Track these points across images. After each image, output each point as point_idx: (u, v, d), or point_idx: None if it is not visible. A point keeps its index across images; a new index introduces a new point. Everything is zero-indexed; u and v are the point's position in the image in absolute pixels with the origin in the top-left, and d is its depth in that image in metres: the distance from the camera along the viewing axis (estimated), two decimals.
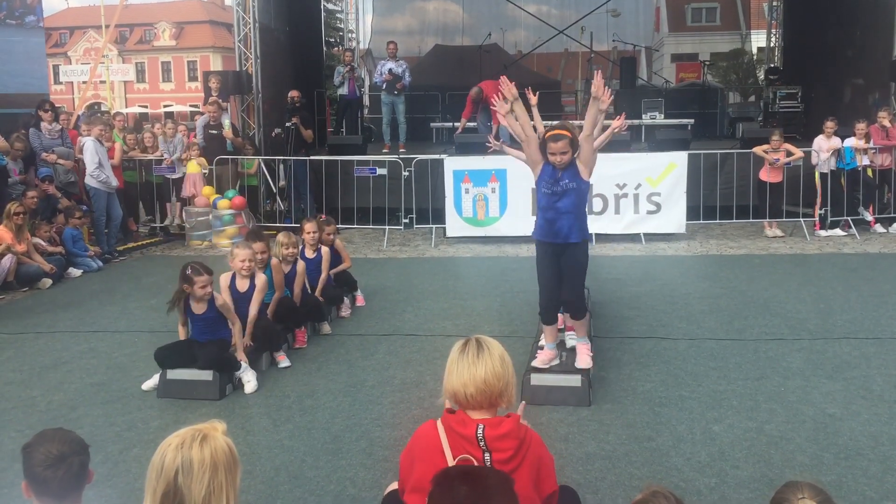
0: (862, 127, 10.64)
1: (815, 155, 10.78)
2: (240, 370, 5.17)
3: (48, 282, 8.58)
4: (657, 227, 10.47)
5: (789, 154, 10.63)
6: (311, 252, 6.79)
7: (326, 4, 20.58)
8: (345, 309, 7.06)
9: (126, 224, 11.55)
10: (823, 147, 10.72)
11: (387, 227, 11.22)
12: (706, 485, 3.69)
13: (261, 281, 5.64)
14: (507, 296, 7.64)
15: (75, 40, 57.17)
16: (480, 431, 2.52)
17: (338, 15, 22.26)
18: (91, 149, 9.85)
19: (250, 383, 5.13)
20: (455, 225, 10.73)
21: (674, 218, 10.42)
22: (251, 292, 5.60)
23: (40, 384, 5.37)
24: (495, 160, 10.13)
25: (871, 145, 10.64)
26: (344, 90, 14.13)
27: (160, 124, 16.48)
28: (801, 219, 10.86)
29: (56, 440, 2.32)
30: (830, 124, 10.76)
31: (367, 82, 18.53)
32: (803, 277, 8.16)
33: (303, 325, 6.15)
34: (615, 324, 6.53)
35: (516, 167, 8.30)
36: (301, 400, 4.95)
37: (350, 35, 21.11)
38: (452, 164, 10.66)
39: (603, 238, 10.29)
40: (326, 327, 6.51)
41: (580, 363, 4.98)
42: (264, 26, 13.60)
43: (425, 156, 11.52)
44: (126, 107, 51.75)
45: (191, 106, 47.56)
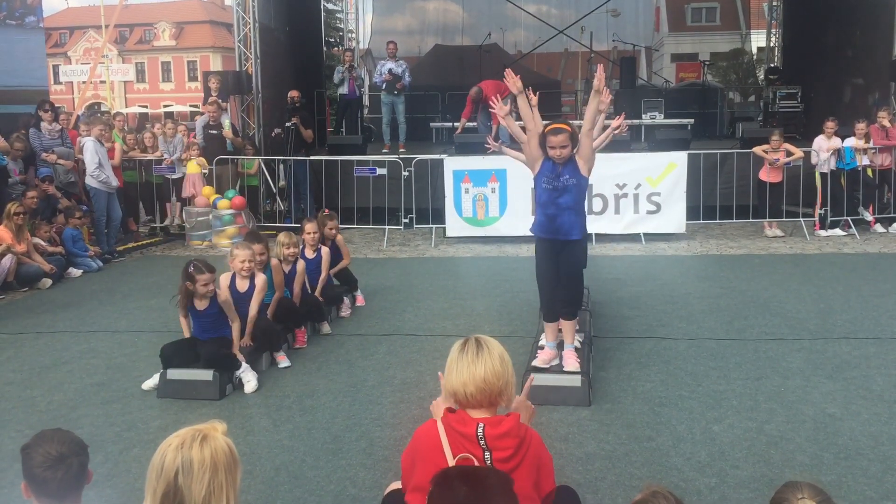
0: (862, 127, 10.64)
1: (815, 155, 10.78)
2: (240, 369, 5.17)
3: (48, 282, 8.58)
4: (657, 227, 10.48)
5: (789, 154, 10.63)
6: (312, 252, 6.79)
7: (326, 4, 20.63)
8: (345, 309, 7.06)
9: (127, 224, 11.56)
10: (824, 147, 10.72)
11: (387, 227, 11.22)
12: (706, 485, 3.69)
13: (260, 281, 5.65)
14: (507, 296, 7.64)
15: (75, 40, 57.14)
16: (480, 430, 2.53)
17: (338, 15, 22.30)
18: (91, 149, 9.85)
19: (250, 383, 5.13)
20: (455, 225, 10.73)
21: (674, 218, 10.43)
22: (251, 292, 5.61)
23: (40, 384, 5.36)
24: (495, 160, 10.13)
25: (871, 145, 10.64)
26: (344, 89, 14.11)
27: (160, 124, 16.47)
28: (801, 219, 10.86)
29: (55, 441, 2.32)
30: (831, 124, 10.75)
31: (367, 82, 18.52)
32: (803, 277, 8.16)
33: (303, 325, 6.16)
34: (615, 324, 6.53)
35: (516, 167, 8.30)
36: (301, 400, 4.95)
37: (350, 35, 21.11)
38: (452, 164, 10.67)
39: (603, 238, 10.29)
40: (326, 327, 6.51)
41: (568, 367, 4.89)
42: (264, 26, 13.60)
43: (425, 156, 11.52)
44: (126, 107, 51.72)
45: (191, 106, 47.53)
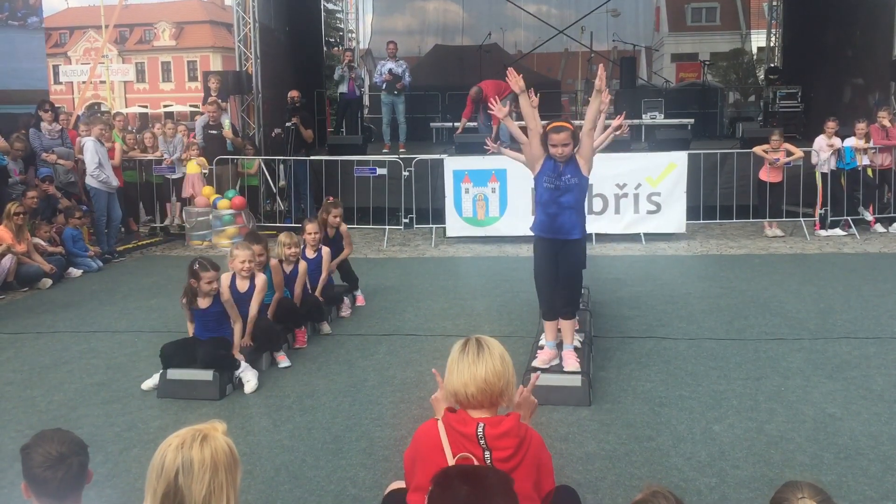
0: (862, 127, 10.64)
1: (816, 155, 10.77)
2: (239, 369, 5.17)
3: (48, 282, 8.58)
4: (657, 227, 10.48)
5: (789, 154, 10.63)
6: (312, 252, 6.79)
7: (326, 4, 20.62)
8: (345, 309, 7.06)
9: (127, 224, 11.55)
10: (824, 147, 10.72)
11: (387, 227, 11.22)
12: (706, 485, 3.69)
13: (261, 281, 5.65)
14: (507, 296, 7.64)
15: (75, 40, 57.15)
16: (481, 430, 2.53)
17: (338, 15, 22.29)
18: (91, 149, 9.84)
19: (250, 383, 5.13)
20: (455, 225, 10.73)
21: (674, 218, 10.43)
22: (251, 293, 5.61)
23: (40, 384, 5.36)
24: (495, 160, 10.12)
25: (871, 145, 10.64)
26: (343, 88, 14.12)
27: (160, 124, 16.48)
28: (801, 219, 10.86)
29: (55, 441, 2.32)
30: (832, 124, 10.75)
31: (367, 82, 18.52)
32: (803, 277, 8.16)
33: (303, 325, 6.15)
34: (615, 324, 6.53)
35: (516, 167, 8.28)
36: (301, 400, 4.95)
37: (350, 35, 21.11)
38: (452, 164, 10.67)
39: (603, 238, 10.29)
40: (326, 327, 6.51)
41: (567, 367, 4.90)
42: (264, 26, 13.60)
43: (425, 156, 11.52)
44: (126, 107, 51.72)
45: (191, 106, 47.56)
